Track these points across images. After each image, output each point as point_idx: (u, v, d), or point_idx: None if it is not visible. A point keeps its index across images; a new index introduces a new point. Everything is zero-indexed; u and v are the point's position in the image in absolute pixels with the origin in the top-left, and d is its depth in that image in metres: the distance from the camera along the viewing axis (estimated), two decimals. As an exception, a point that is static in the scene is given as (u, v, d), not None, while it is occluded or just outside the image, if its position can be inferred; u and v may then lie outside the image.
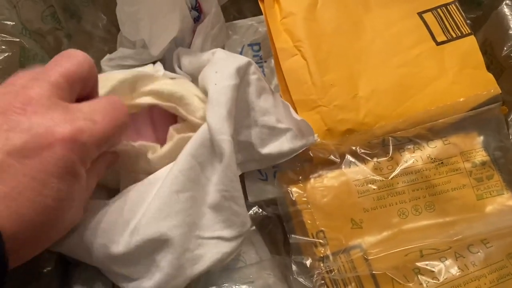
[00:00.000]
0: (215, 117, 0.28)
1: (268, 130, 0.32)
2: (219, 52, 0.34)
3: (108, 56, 0.39)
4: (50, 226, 0.21)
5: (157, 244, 0.27)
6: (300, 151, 0.33)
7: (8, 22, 0.33)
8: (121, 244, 0.26)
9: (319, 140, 0.34)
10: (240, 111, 0.31)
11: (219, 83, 0.30)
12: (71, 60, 0.23)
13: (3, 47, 0.32)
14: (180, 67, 0.37)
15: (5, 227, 0.18)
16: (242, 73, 0.31)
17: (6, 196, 0.19)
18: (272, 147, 0.33)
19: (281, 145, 0.33)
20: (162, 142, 0.32)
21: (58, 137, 0.20)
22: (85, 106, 0.23)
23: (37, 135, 0.20)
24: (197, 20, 0.39)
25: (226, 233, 0.29)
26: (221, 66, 0.31)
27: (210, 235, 0.29)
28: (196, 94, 0.31)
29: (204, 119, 0.29)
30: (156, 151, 0.30)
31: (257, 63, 0.43)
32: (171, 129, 0.31)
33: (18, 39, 0.33)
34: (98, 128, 0.22)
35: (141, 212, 0.27)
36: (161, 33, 0.35)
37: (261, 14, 0.42)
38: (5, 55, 0.32)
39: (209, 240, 0.29)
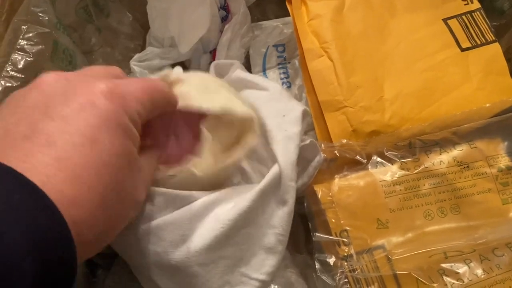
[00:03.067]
0: (287, 163, 0.29)
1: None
2: (279, 89, 0.34)
3: (137, 55, 0.40)
4: (112, 192, 0.20)
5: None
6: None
7: (44, 15, 0.33)
8: (172, 259, 0.26)
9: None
10: None
11: (289, 129, 0.30)
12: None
13: (37, 40, 0.33)
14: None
15: (64, 191, 0.18)
16: (305, 119, 0.32)
17: (59, 158, 0.18)
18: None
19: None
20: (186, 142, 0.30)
21: (96, 91, 0.20)
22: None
23: (76, 94, 0.20)
24: (224, 19, 0.40)
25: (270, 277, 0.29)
26: (287, 109, 0.32)
27: (256, 276, 0.28)
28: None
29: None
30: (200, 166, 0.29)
31: (281, 63, 0.44)
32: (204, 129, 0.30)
33: (52, 32, 0.33)
34: (134, 84, 0.23)
35: (198, 233, 0.26)
36: (190, 29, 0.36)
37: (285, 16, 0.43)
38: (39, 47, 0.33)
39: (253, 280, 0.28)
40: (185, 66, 0.43)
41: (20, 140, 0.18)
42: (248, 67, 0.43)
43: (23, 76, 0.31)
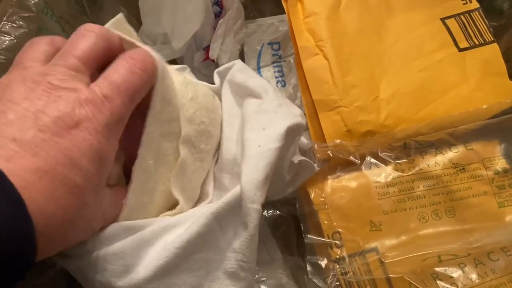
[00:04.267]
0: (250, 183, 0.26)
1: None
2: (274, 96, 0.31)
3: None
4: (77, 211, 0.20)
5: None
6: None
7: (31, 0, 0.33)
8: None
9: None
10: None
11: (264, 145, 0.27)
12: (86, 40, 0.23)
13: (21, 22, 0.33)
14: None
15: (38, 201, 0.18)
16: (290, 135, 0.29)
17: (39, 170, 0.18)
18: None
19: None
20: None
21: (81, 116, 0.20)
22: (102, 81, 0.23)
23: (64, 116, 0.20)
24: (218, 15, 0.39)
25: None
26: (270, 122, 0.29)
27: None
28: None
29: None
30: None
31: (276, 62, 0.43)
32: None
33: (37, 17, 0.33)
34: (116, 102, 0.22)
35: (144, 263, 0.25)
36: (184, 24, 0.35)
37: (281, 13, 0.42)
38: (22, 31, 0.33)
39: None
40: (178, 64, 0.42)
41: None
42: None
43: (4, 57, 0.31)
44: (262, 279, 0.35)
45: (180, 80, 0.29)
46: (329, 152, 0.34)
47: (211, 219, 0.26)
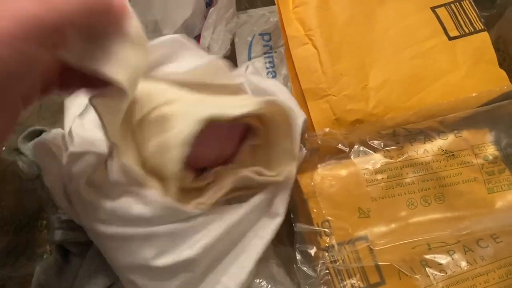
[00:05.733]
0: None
1: None
2: (286, 92, 0.34)
3: None
4: None
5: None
6: None
7: None
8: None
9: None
10: None
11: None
12: None
13: None
14: None
15: None
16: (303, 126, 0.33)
17: None
18: None
19: None
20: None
21: None
22: None
23: None
24: (209, 4, 0.39)
25: None
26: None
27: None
28: None
29: None
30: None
31: (267, 52, 0.43)
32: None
33: None
34: None
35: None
36: (175, 11, 0.35)
37: (273, 4, 0.42)
38: None
39: None
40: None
41: None
42: (234, 56, 0.42)
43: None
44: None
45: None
46: (318, 140, 0.34)
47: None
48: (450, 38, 0.38)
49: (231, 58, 0.42)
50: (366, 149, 0.33)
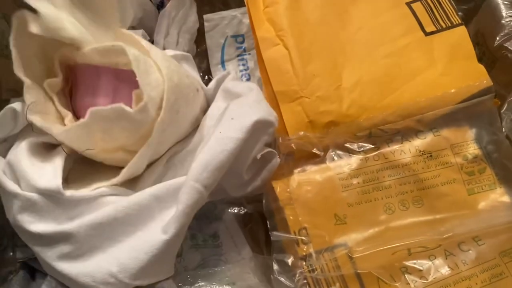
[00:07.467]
0: (198, 163, 0.27)
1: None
2: (255, 94, 0.32)
3: None
4: None
5: None
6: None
7: None
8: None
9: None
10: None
11: (224, 132, 0.28)
12: None
13: None
14: None
15: None
16: (257, 130, 0.29)
17: None
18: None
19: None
20: None
21: None
22: None
23: None
24: (160, 6, 0.38)
25: None
26: (241, 114, 0.29)
27: None
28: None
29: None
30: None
31: (241, 55, 0.42)
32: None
33: None
34: None
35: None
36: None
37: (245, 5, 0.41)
38: None
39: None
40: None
41: None
42: (206, 59, 0.41)
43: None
44: (231, 281, 0.34)
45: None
46: (292, 145, 0.33)
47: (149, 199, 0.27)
48: (427, 34, 0.36)
49: (204, 61, 0.40)
50: (342, 152, 0.32)
